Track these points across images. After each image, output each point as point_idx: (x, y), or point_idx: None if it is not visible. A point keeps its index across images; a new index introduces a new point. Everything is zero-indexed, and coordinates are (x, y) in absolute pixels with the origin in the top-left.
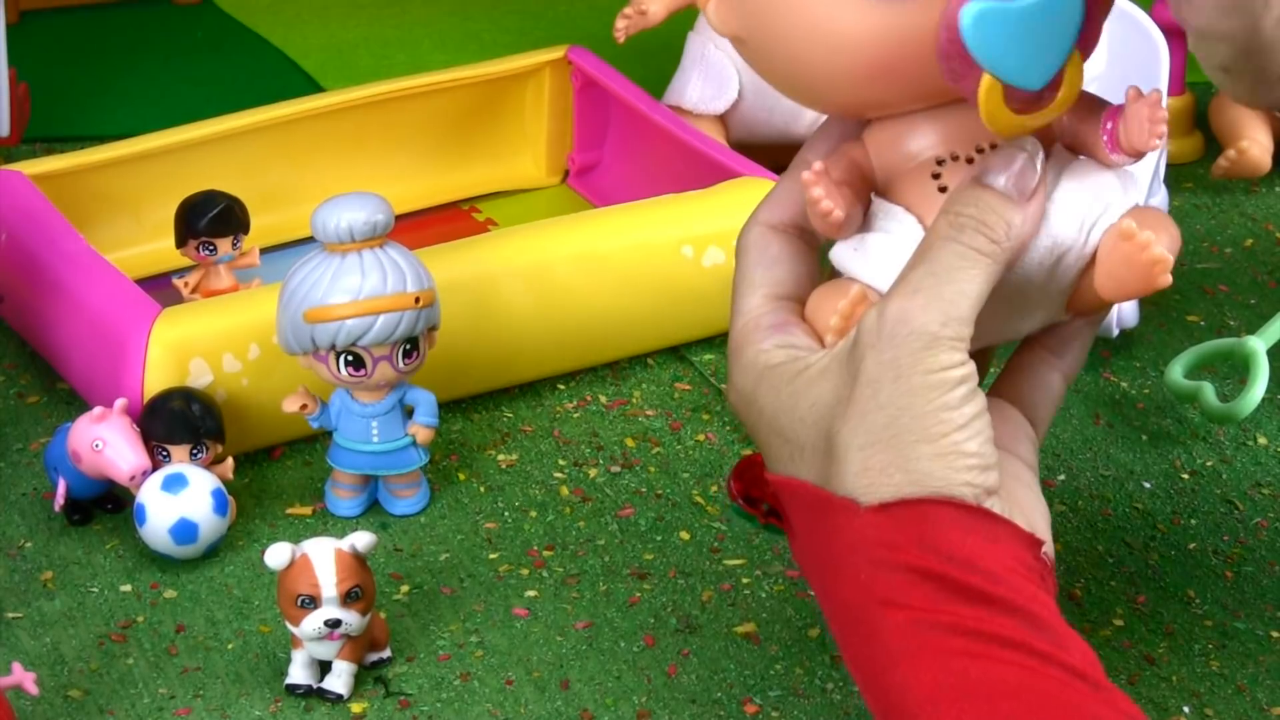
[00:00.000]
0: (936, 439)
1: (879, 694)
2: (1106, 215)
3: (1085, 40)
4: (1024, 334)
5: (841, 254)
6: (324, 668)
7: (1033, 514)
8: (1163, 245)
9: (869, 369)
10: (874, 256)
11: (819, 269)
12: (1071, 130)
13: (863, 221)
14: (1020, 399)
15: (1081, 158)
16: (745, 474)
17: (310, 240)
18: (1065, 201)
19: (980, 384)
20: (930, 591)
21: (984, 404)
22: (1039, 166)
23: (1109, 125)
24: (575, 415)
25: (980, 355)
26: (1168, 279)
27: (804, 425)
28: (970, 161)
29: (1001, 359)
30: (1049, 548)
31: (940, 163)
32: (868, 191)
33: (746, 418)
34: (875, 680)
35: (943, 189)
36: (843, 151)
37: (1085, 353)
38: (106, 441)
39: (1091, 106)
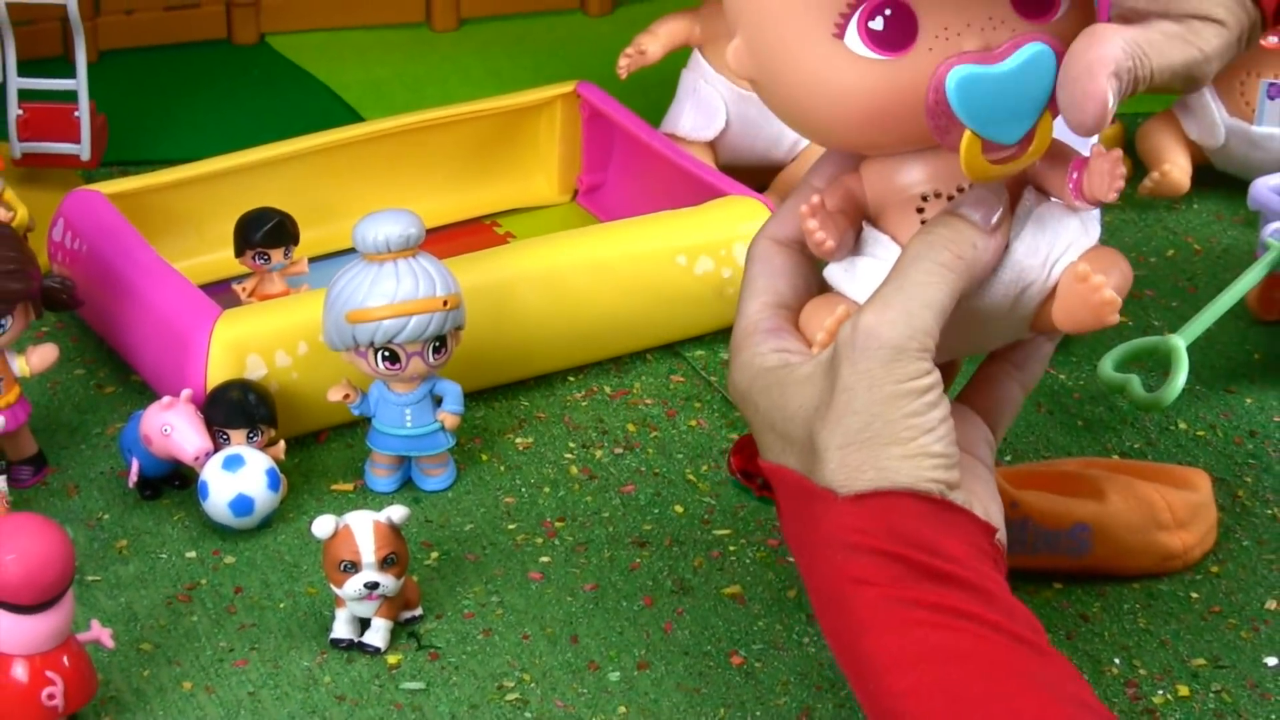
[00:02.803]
0: (905, 442)
1: (851, 660)
2: (1068, 254)
3: (1056, 101)
4: (989, 350)
5: (834, 273)
6: (364, 624)
7: (989, 505)
8: (1113, 286)
9: (845, 378)
10: (861, 278)
11: (815, 280)
12: (1042, 174)
13: (855, 245)
14: (983, 407)
15: (1049, 200)
16: (743, 450)
17: (352, 251)
18: (1031, 240)
19: (947, 389)
20: (896, 572)
21: (948, 408)
22: (1004, 205)
23: (1074, 175)
24: (583, 404)
25: (948, 364)
26: (1116, 318)
27: (793, 424)
28: (950, 199)
29: (968, 368)
30: (1001, 535)
31: (925, 199)
32: (860, 218)
33: (743, 410)
34: (848, 648)
35: (924, 222)
36: (841, 182)
37: (1044, 366)
38: (174, 426)
39: (1061, 154)
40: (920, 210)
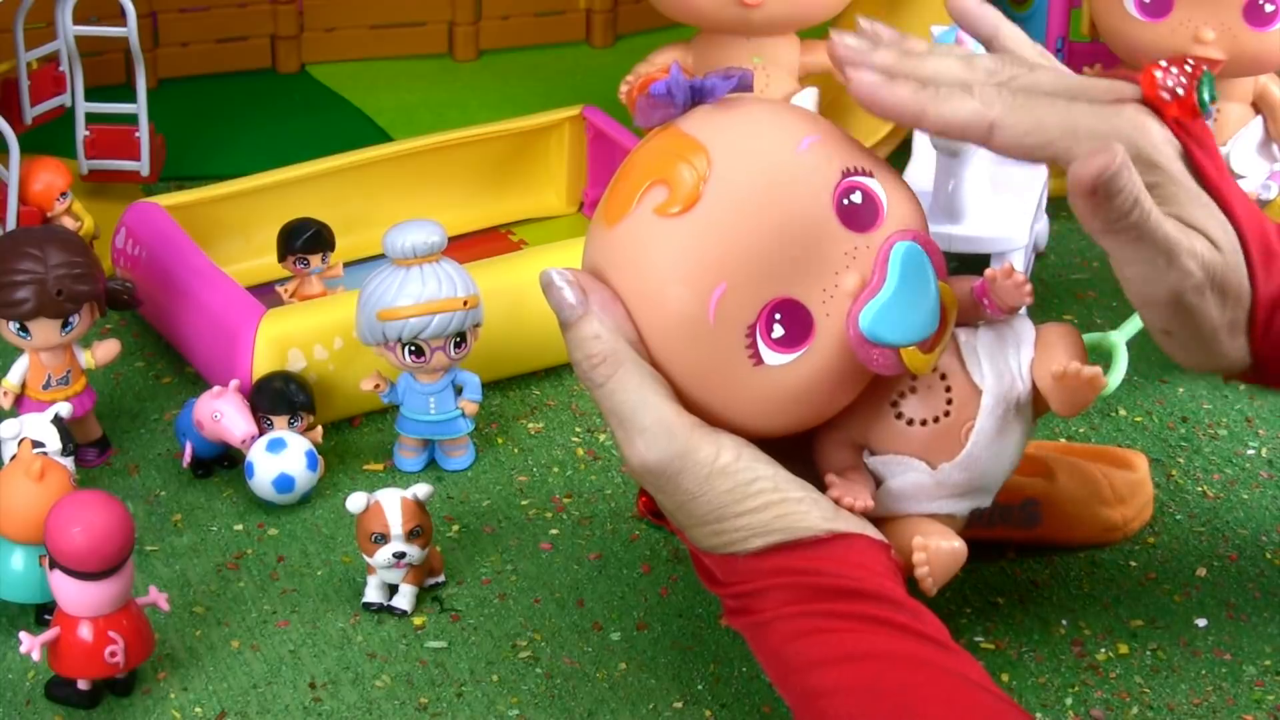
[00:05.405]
0: (761, 512)
1: (782, 674)
2: (1024, 350)
3: (940, 270)
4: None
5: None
6: (392, 589)
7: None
8: (1077, 361)
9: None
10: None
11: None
12: (963, 310)
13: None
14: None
15: (976, 327)
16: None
17: (382, 256)
18: (992, 368)
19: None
20: (806, 595)
21: (772, 477)
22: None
23: (985, 300)
24: (588, 393)
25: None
26: (1105, 381)
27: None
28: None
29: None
30: (894, 552)
31: (900, 416)
32: (860, 456)
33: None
34: (775, 658)
35: (910, 422)
36: (839, 454)
37: None
38: (224, 413)
39: (964, 289)
40: (899, 417)
